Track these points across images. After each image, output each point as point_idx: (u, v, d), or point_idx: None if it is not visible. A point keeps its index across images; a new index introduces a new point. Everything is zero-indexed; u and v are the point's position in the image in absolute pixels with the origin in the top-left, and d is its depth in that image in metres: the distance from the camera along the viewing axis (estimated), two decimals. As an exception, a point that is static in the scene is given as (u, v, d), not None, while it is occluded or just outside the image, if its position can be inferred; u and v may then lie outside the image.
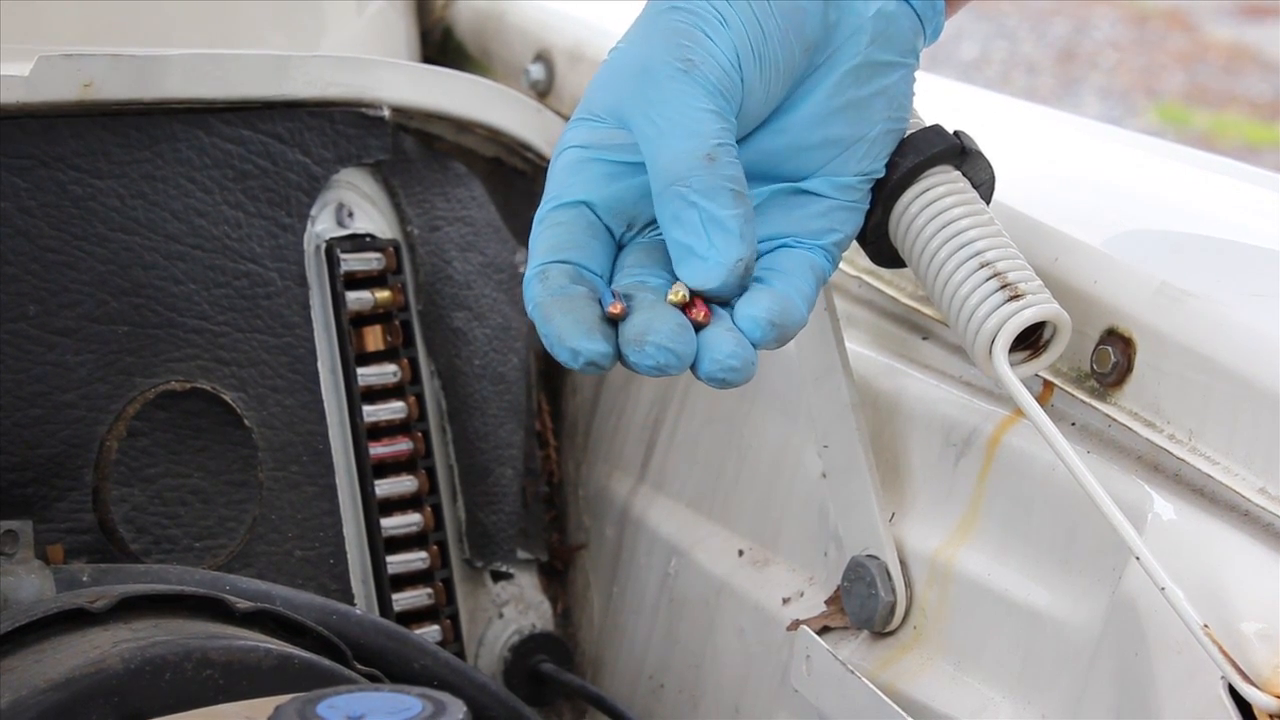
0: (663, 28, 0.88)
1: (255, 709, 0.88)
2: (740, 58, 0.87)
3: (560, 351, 0.84)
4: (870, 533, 1.03)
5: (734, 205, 0.85)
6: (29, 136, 1.08)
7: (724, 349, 0.85)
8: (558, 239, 0.88)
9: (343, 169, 1.19)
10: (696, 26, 0.87)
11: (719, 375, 0.85)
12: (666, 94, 0.86)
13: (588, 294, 0.86)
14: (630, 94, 0.88)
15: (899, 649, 1.03)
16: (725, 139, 0.86)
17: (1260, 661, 0.82)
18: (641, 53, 0.88)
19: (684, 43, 0.87)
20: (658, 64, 0.87)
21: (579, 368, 0.84)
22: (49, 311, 1.08)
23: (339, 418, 1.18)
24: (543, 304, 0.85)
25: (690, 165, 0.85)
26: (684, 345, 0.84)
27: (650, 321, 0.85)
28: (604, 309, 0.85)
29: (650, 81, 0.87)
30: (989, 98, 1.33)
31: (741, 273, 0.86)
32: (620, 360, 0.85)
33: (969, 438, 1.00)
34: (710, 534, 1.18)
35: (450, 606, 1.22)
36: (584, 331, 0.84)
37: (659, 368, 0.84)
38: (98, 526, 1.08)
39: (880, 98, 0.91)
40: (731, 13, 0.87)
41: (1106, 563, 0.92)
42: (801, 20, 0.88)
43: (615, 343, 0.85)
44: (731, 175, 0.86)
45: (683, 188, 0.85)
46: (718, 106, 0.86)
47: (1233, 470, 0.88)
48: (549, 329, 0.85)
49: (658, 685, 1.21)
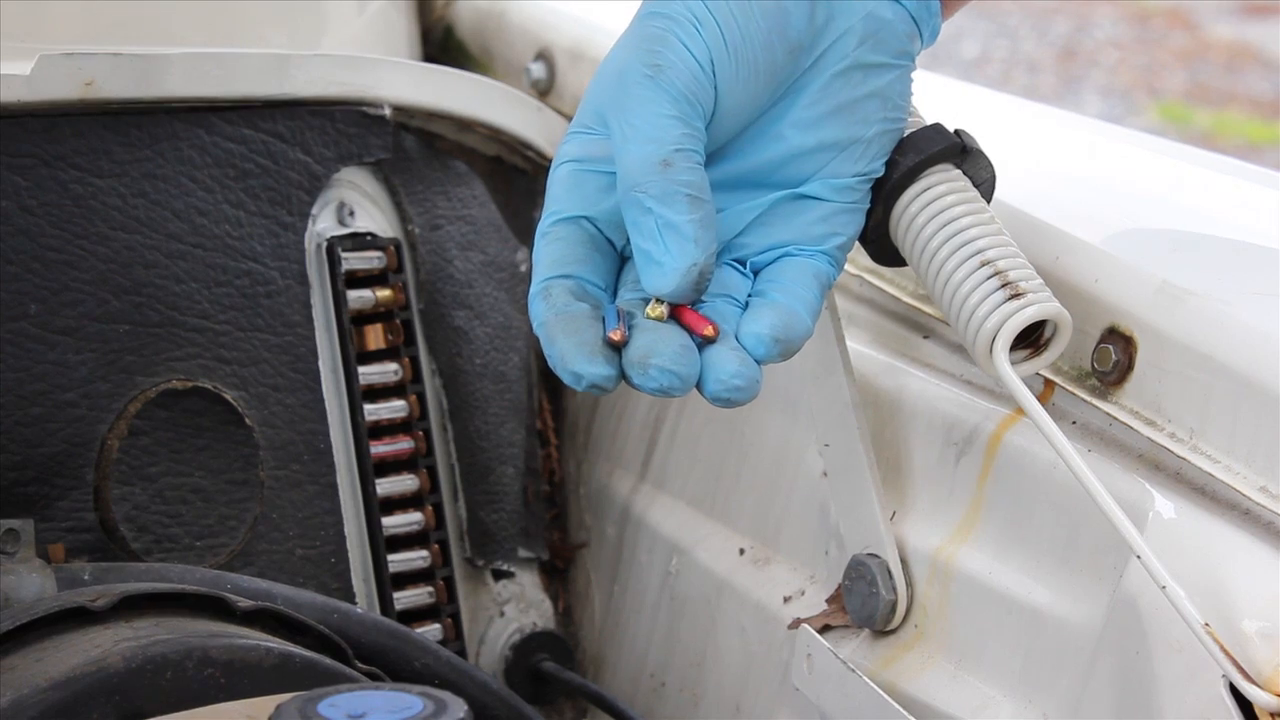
0: (638, 33, 0.88)
1: (256, 707, 0.88)
2: (715, 60, 0.87)
3: (564, 374, 0.85)
4: (871, 531, 1.03)
5: (689, 210, 0.85)
6: (30, 135, 1.08)
7: (728, 369, 0.85)
8: (559, 254, 0.88)
9: (344, 168, 1.19)
10: (670, 30, 0.87)
11: (724, 395, 0.85)
12: (632, 100, 0.87)
13: (591, 313, 0.86)
14: (606, 100, 0.88)
15: (900, 647, 1.03)
16: (685, 144, 0.86)
17: (1261, 660, 0.82)
18: (619, 59, 0.88)
19: (655, 48, 0.87)
20: (629, 69, 0.87)
21: (582, 389, 0.85)
22: (50, 310, 1.08)
23: (340, 416, 1.18)
24: (547, 323, 0.86)
25: (646, 171, 0.86)
26: (688, 367, 0.84)
27: (654, 343, 0.84)
28: (606, 331, 0.85)
29: (621, 87, 0.87)
30: (990, 96, 1.33)
31: (696, 278, 0.85)
32: (625, 380, 0.85)
33: (970, 436, 1.00)
34: (711, 532, 1.18)
35: (451, 605, 1.22)
36: (586, 355, 0.84)
37: (663, 390, 0.84)
38: (99, 525, 1.08)
39: (873, 99, 0.91)
40: (709, 15, 0.87)
41: (1107, 561, 0.92)
42: (785, 21, 0.88)
43: (618, 364, 0.85)
44: (687, 180, 0.85)
45: (640, 194, 0.86)
46: (681, 112, 0.86)
47: (1233, 469, 0.88)
48: (553, 350, 0.85)
49: (659, 684, 1.21)
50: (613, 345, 0.85)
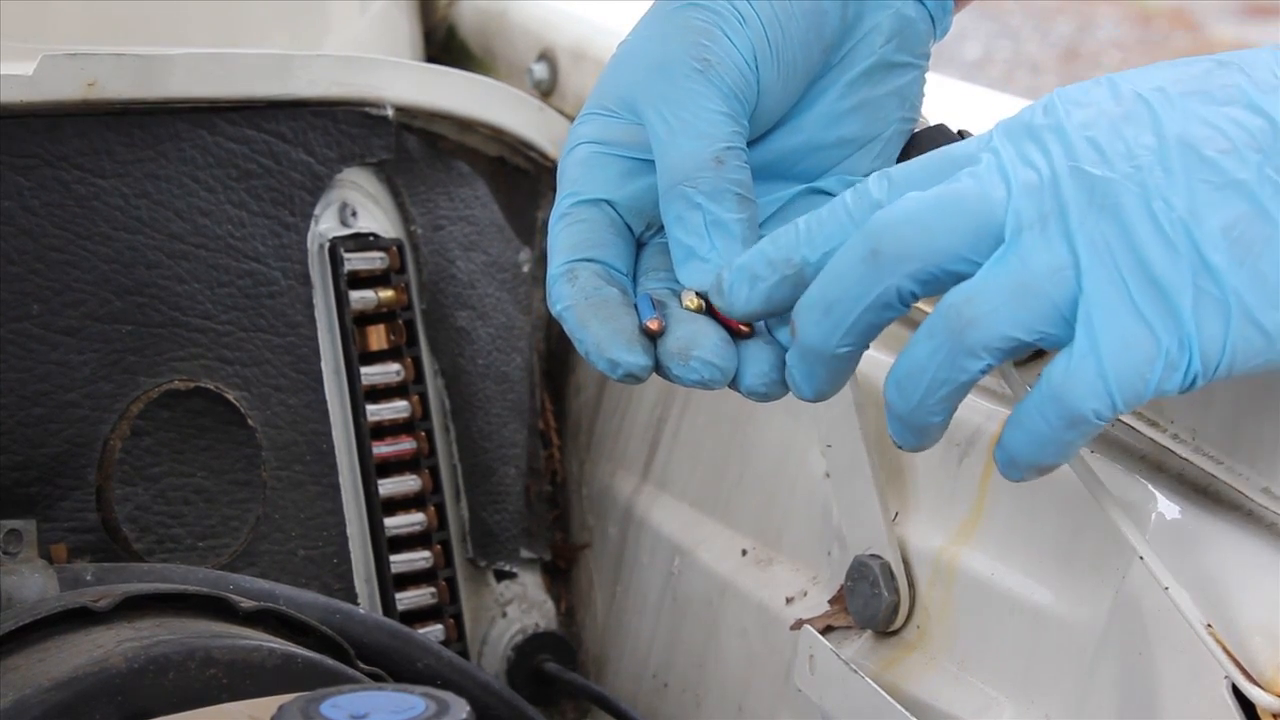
0: (681, 24, 0.87)
1: (259, 708, 0.88)
2: (758, 58, 0.87)
3: (599, 361, 0.83)
4: (874, 532, 1.03)
5: (739, 209, 0.85)
6: (33, 135, 1.08)
7: (765, 363, 0.84)
8: (582, 236, 0.87)
9: (346, 168, 1.19)
10: (715, 25, 0.87)
11: (760, 390, 0.84)
12: (681, 93, 0.86)
13: (622, 299, 0.85)
14: (645, 89, 0.87)
15: (902, 649, 1.03)
16: (735, 142, 0.86)
17: (1264, 661, 0.82)
18: (658, 48, 0.87)
19: (702, 41, 0.86)
20: (674, 61, 0.86)
21: (617, 378, 0.84)
22: (52, 310, 1.08)
23: (342, 417, 1.18)
24: (576, 307, 0.84)
25: (698, 167, 0.85)
26: (728, 360, 0.84)
27: (695, 335, 0.84)
28: (641, 320, 0.84)
29: (666, 78, 0.86)
30: (993, 97, 1.33)
31: None
32: (658, 371, 0.84)
33: (972, 437, 1.00)
34: (714, 533, 1.18)
35: (453, 606, 1.22)
36: (624, 343, 0.83)
37: (703, 382, 0.83)
38: (101, 526, 1.08)
39: (894, 98, 0.91)
40: (751, 12, 0.87)
41: (1110, 562, 0.92)
42: (821, 21, 0.88)
43: (654, 354, 0.84)
44: (738, 180, 0.85)
45: (689, 188, 0.85)
46: (731, 109, 0.86)
47: (1236, 470, 0.88)
48: (586, 335, 0.84)
49: (661, 684, 1.21)
50: (648, 334, 0.84)
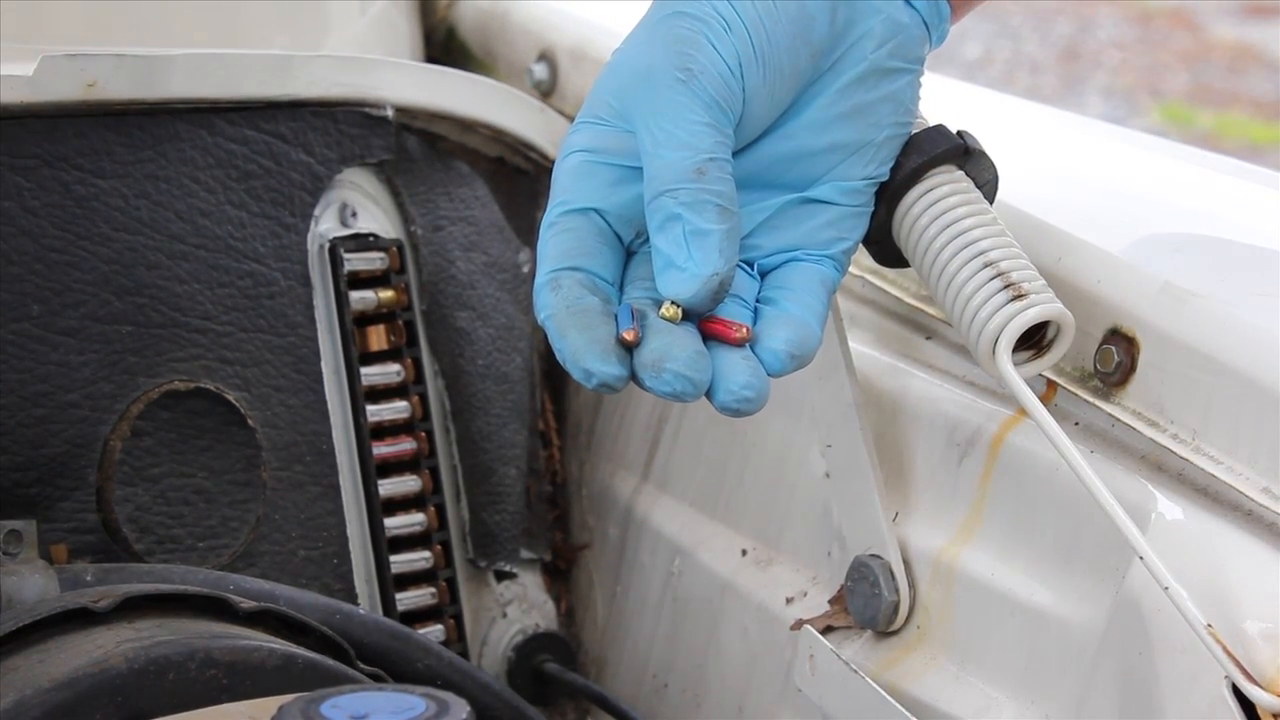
0: (666, 33, 0.87)
1: (259, 708, 0.88)
2: (743, 65, 0.87)
3: (574, 370, 0.84)
4: (874, 532, 1.03)
5: (718, 220, 0.85)
6: (33, 136, 1.08)
7: (740, 378, 0.84)
8: (569, 245, 0.87)
9: (346, 169, 1.19)
10: (700, 33, 0.87)
11: (733, 405, 0.84)
12: (665, 103, 0.86)
13: (602, 308, 0.85)
14: (633, 99, 0.87)
15: (902, 649, 1.03)
16: (718, 153, 0.86)
17: (1264, 661, 0.82)
18: (646, 57, 0.87)
19: (686, 50, 0.86)
20: (659, 71, 0.86)
21: (591, 388, 0.84)
22: (52, 311, 1.08)
23: (342, 417, 1.18)
24: (557, 316, 0.85)
25: (678, 177, 0.85)
26: (701, 373, 0.84)
27: (669, 347, 0.84)
28: (619, 330, 0.84)
29: (650, 88, 0.87)
30: (992, 97, 1.33)
31: (715, 288, 0.85)
32: (634, 381, 0.84)
33: (972, 437, 1.00)
34: (714, 533, 1.18)
35: (454, 606, 1.22)
36: (599, 353, 0.83)
37: (674, 394, 0.83)
38: (101, 526, 1.08)
39: (886, 103, 0.91)
40: (737, 18, 0.87)
41: (1110, 562, 0.92)
42: (809, 26, 0.88)
43: (630, 364, 0.84)
44: (719, 191, 0.85)
45: (670, 199, 0.85)
46: (714, 119, 0.86)
47: (1236, 470, 0.88)
48: (563, 344, 0.84)
49: (661, 685, 1.21)
50: (624, 344, 0.84)
